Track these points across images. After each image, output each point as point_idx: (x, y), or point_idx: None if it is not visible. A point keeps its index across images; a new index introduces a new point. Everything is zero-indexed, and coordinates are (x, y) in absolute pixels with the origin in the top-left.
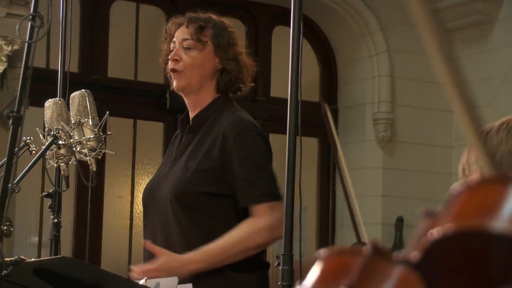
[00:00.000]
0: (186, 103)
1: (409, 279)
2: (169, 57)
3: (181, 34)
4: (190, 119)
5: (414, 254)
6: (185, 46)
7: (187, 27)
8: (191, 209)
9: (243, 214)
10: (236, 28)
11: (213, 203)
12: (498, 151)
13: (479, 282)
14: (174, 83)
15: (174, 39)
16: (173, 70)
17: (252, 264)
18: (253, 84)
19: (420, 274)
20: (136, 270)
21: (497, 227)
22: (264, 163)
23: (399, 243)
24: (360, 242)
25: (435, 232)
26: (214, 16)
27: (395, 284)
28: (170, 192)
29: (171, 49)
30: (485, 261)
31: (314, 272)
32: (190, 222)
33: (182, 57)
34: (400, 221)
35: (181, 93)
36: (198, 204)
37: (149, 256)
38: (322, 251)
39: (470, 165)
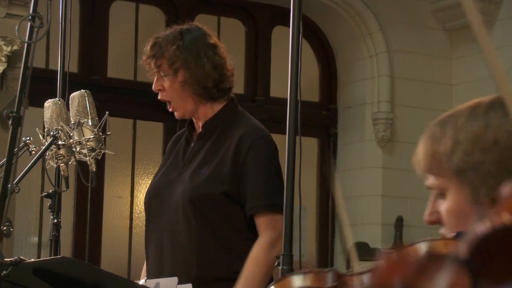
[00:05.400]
0: (193, 118)
1: (458, 277)
2: (153, 89)
3: (152, 66)
4: (199, 126)
5: (463, 251)
6: (161, 75)
7: (150, 59)
8: (203, 213)
9: (253, 221)
10: (236, 28)
11: (226, 208)
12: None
13: None
14: (175, 114)
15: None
16: (163, 101)
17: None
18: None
19: (467, 271)
20: None
21: None
22: (274, 173)
23: (398, 243)
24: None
25: (482, 228)
26: (167, 32)
27: (446, 283)
28: (184, 196)
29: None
30: None
31: (373, 268)
32: (202, 226)
33: (164, 86)
34: (399, 221)
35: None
36: (211, 208)
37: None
38: (383, 250)
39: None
